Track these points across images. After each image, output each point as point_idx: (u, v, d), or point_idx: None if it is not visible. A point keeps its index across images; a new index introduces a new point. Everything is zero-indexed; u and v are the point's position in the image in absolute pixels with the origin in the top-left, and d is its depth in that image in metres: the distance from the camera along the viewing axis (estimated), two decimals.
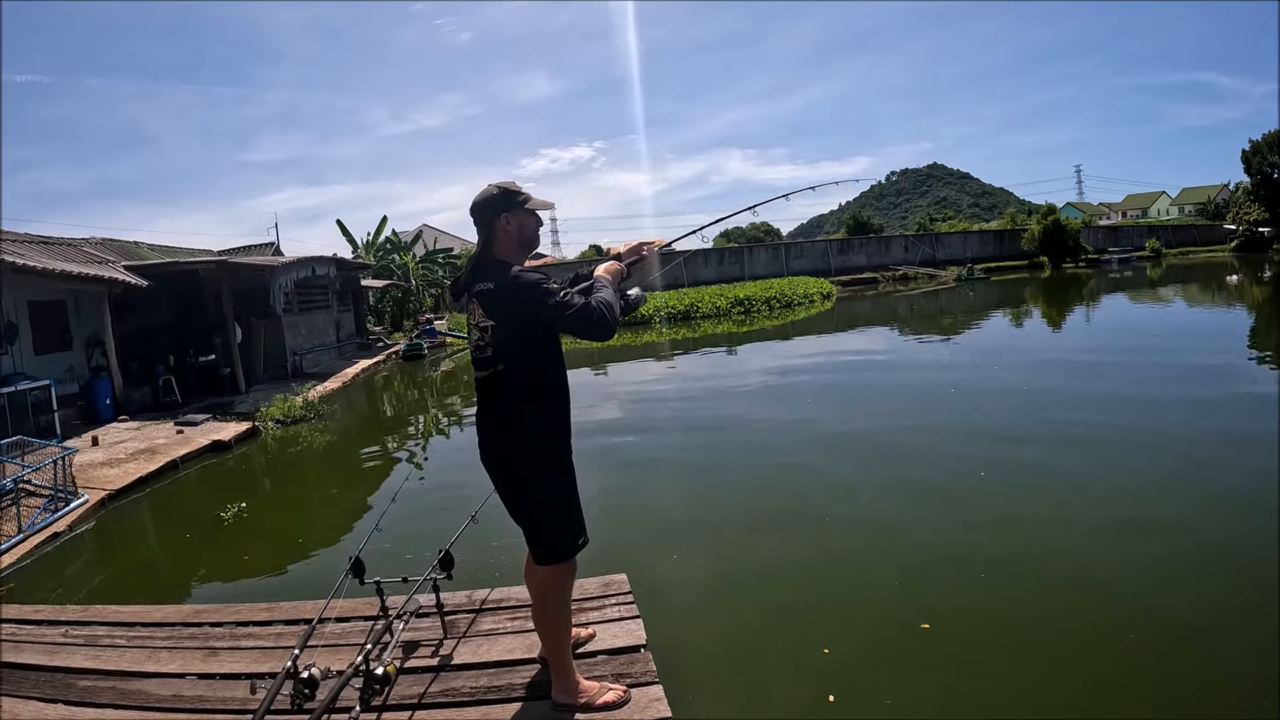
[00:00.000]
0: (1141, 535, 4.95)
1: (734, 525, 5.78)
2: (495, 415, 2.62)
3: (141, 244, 21.32)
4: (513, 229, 2.67)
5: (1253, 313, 18.33)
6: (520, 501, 2.65)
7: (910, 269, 44.07)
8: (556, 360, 2.68)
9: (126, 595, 5.42)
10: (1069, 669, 3.41)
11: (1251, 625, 3.67)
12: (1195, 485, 5.83)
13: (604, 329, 2.48)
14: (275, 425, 11.58)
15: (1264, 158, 46.10)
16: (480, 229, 2.69)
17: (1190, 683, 3.28)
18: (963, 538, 5.10)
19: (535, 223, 2.74)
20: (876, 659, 3.64)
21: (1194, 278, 31.36)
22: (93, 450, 10.19)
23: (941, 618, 3.98)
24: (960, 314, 23.05)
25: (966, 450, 7.15)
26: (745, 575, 4.78)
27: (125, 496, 8.29)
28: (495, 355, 2.58)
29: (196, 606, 3.96)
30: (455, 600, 3.50)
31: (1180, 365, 11.07)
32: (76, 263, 13.55)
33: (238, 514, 6.96)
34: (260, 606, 3.73)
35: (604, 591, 3.51)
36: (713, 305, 27.71)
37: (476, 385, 2.70)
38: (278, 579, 5.45)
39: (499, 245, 2.68)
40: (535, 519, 2.64)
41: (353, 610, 3.46)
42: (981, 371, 11.88)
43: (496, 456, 2.66)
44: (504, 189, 2.68)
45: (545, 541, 2.64)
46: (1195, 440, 7.00)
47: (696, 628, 4.03)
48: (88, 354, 13.76)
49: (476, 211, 2.68)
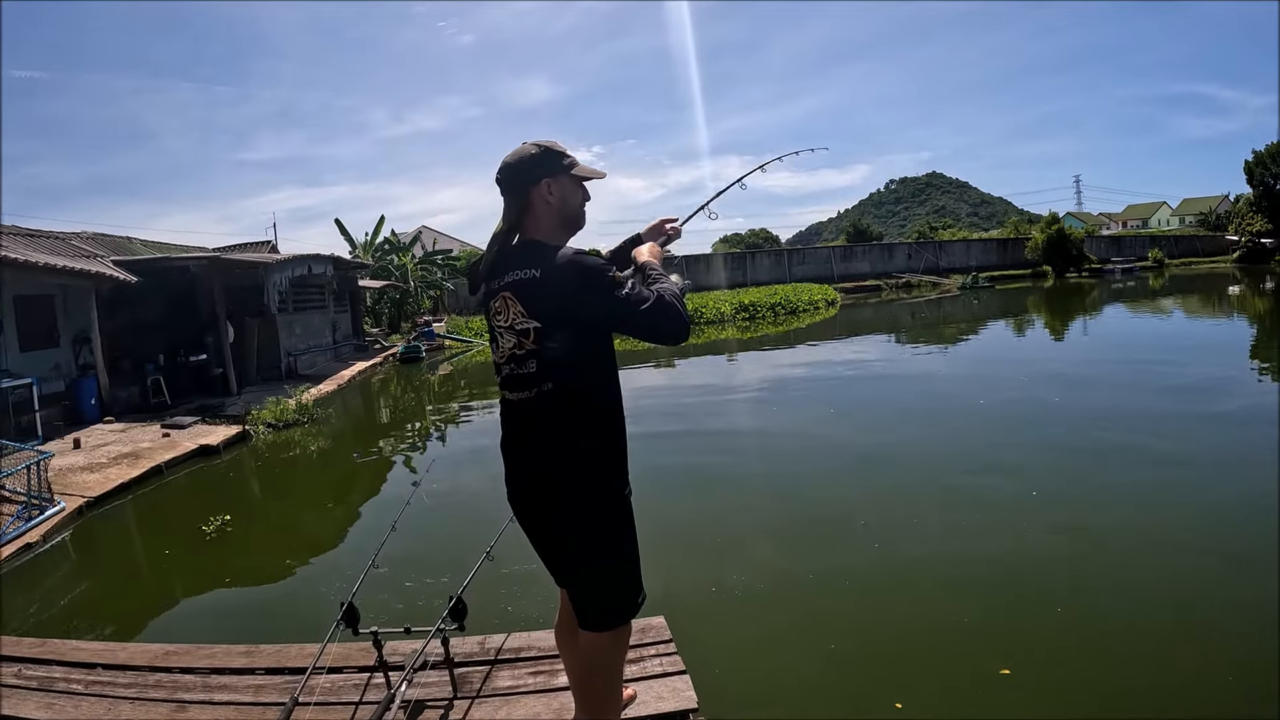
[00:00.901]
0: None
1: (774, 549, 5.29)
2: (543, 453, 2.04)
3: (135, 239, 20.79)
4: (555, 201, 2.06)
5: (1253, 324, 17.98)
6: (573, 562, 2.09)
7: (914, 277, 43.74)
8: (616, 376, 2.12)
9: (96, 620, 4.96)
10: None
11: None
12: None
13: (681, 327, 1.95)
14: (266, 429, 11.06)
15: (1266, 169, 45.98)
16: (511, 200, 2.08)
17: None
18: (1034, 576, 4.61)
19: (583, 195, 2.14)
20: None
21: (1198, 288, 31.03)
22: (73, 453, 9.71)
23: (1020, 657, 3.52)
24: (973, 321, 22.65)
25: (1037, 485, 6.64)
26: (793, 609, 4.31)
27: (105, 504, 7.81)
28: (543, 369, 1.97)
29: (166, 647, 3.46)
30: (466, 648, 2.96)
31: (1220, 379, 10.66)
32: (63, 257, 13.04)
33: (221, 527, 6.45)
34: (238, 650, 3.23)
35: (641, 639, 2.96)
36: (717, 311, 27.27)
37: (508, 411, 2.10)
38: (260, 605, 4.95)
39: (536, 222, 2.07)
40: (591, 582, 2.07)
41: (346, 659, 2.95)
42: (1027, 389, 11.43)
43: (542, 507, 2.07)
44: (546, 148, 2.07)
45: (601, 606, 2.07)
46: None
47: (747, 682, 3.52)
48: (75, 351, 13.28)
49: (508, 175, 2.07)
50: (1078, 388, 10.62)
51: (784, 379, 13.34)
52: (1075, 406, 9.28)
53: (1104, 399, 9.64)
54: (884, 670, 3.59)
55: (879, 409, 10.13)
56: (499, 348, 2.06)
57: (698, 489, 6.90)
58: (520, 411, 2.05)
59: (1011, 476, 6.50)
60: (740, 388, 13.12)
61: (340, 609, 2.54)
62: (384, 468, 9.13)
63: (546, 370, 1.97)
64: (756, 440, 8.87)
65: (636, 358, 17.95)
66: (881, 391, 11.60)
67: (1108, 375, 11.64)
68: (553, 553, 2.14)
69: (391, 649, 2.86)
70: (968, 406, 9.81)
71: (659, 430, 9.33)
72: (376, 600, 4.17)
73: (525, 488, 2.09)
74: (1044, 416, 8.86)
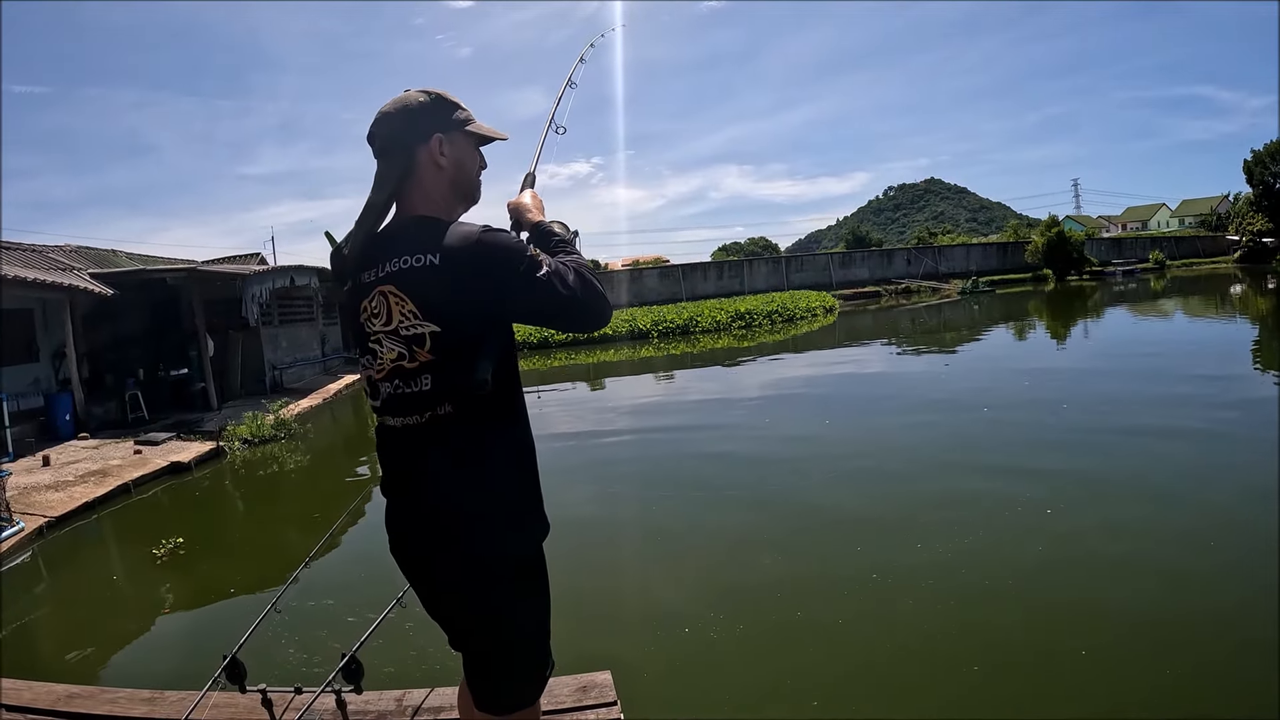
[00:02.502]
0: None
1: (744, 584, 4.77)
2: (438, 496, 1.58)
3: (120, 252, 20.52)
4: (448, 164, 1.62)
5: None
6: (478, 631, 1.66)
7: (913, 282, 43.33)
8: (519, 385, 1.68)
9: (27, 650, 4.68)
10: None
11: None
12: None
13: (606, 307, 1.55)
14: (242, 446, 10.70)
15: (1266, 167, 45.54)
16: (388, 164, 1.61)
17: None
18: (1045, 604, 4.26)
19: (479, 162, 1.71)
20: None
21: (1201, 289, 30.67)
22: (41, 471, 9.39)
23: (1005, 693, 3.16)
24: (972, 327, 22.31)
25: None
26: (771, 657, 3.82)
27: (67, 524, 7.50)
28: (441, 388, 1.51)
29: (71, 689, 3.12)
30: (381, 705, 2.59)
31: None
32: (37, 270, 12.73)
33: (173, 550, 6.10)
34: (142, 696, 2.89)
35: (580, 700, 2.56)
36: (713, 320, 26.90)
37: (390, 442, 1.63)
38: (192, 640, 4.60)
39: (424, 191, 1.61)
40: (495, 656, 1.65)
41: (250, 711, 2.60)
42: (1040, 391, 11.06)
43: (434, 564, 1.63)
44: (437, 95, 1.63)
45: (500, 686, 1.67)
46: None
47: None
48: (55, 366, 13.01)
49: (388, 129, 1.61)
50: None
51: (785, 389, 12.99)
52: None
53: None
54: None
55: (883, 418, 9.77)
56: (376, 360, 1.57)
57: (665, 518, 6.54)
58: (408, 443, 1.58)
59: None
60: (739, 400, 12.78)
61: (224, 659, 2.18)
62: (356, 485, 8.75)
63: (445, 389, 1.51)
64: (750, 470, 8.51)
65: (629, 368, 17.58)
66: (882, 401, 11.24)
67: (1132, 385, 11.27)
68: (460, 623, 1.70)
69: (302, 701, 2.50)
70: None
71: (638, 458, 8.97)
72: (275, 655, 3.64)
73: (414, 539, 1.65)
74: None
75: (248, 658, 2.30)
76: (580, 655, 3.16)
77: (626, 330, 25.31)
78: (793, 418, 10.12)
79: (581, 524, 6.02)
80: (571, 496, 6.83)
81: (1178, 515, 5.28)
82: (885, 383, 12.93)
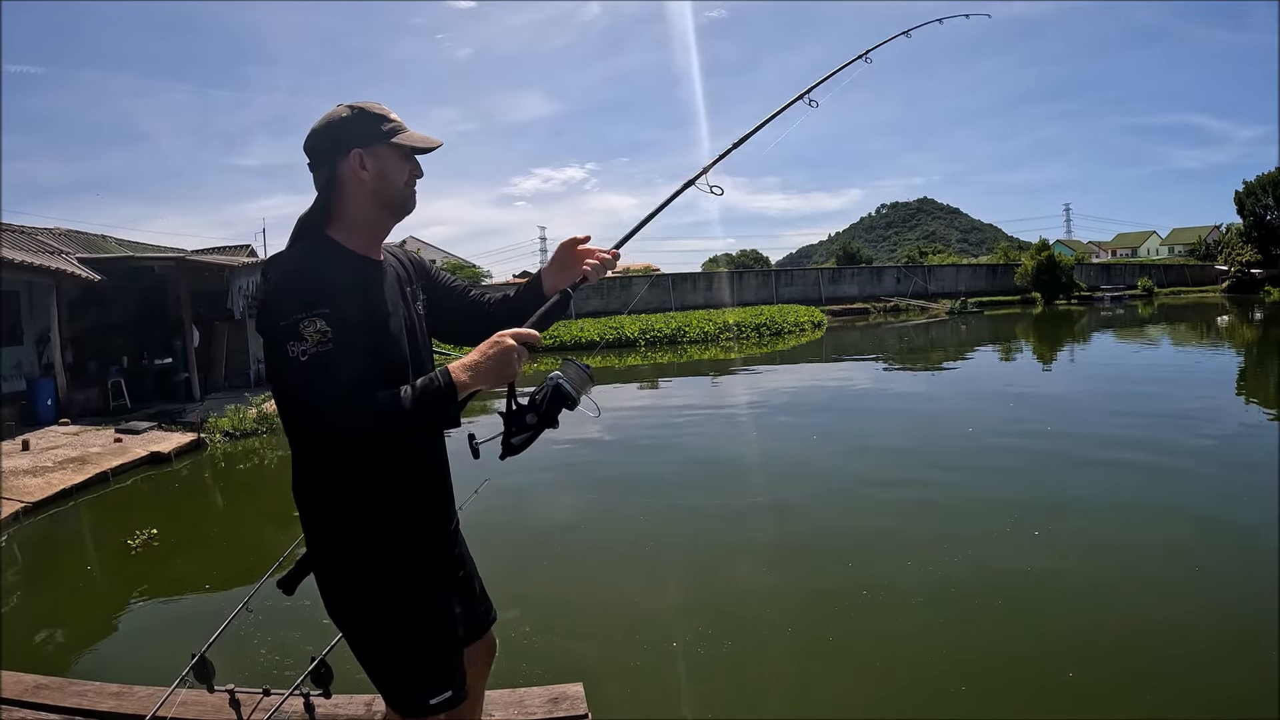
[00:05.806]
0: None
1: (721, 596, 4.81)
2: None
3: (110, 238, 20.35)
4: (369, 178, 1.62)
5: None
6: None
7: (902, 300, 43.54)
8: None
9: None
10: None
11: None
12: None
13: (350, 427, 1.46)
14: (224, 438, 10.65)
15: (1257, 199, 46.17)
16: (315, 176, 1.65)
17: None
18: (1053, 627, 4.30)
19: (410, 171, 1.68)
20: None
21: (1187, 317, 30.95)
22: (20, 455, 9.32)
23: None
24: (963, 346, 22.45)
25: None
26: (745, 669, 3.82)
27: (43, 511, 7.46)
28: (283, 417, 1.60)
29: (40, 679, 3.10)
30: (349, 710, 2.61)
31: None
32: (25, 252, 12.63)
33: (147, 541, 6.06)
34: (110, 689, 2.88)
35: (552, 712, 2.55)
36: (700, 330, 26.93)
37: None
38: (162, 634, 4.57)
39: (344, 206, 1.64)
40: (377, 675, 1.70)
41: (218, 710, 2.60)
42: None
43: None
44: (361, 109, 1.63)
45: (395, 688, 1.71)
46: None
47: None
48: (40, 350, 12.91)
49: (312, 142, 1.64)
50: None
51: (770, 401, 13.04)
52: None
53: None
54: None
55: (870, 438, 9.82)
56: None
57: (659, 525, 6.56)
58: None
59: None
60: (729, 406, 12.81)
61: (192, 658, 2.18)
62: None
63: (284, 419, 1.58)
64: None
65: (614, 376, 17.58)
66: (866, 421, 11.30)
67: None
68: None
69: (270, 703, 2.50)
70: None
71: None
72: (246, 654, 3.65)
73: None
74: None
75: (217, 656, 2.31)
76: (552, 667, 3.17)
77: (614, 338, 25.38)
78: (777, 430, 10.17)
79: (556, 533, 6.05)
80: (548, 505, 6.86)
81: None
82: (872, 398, 13.00)
